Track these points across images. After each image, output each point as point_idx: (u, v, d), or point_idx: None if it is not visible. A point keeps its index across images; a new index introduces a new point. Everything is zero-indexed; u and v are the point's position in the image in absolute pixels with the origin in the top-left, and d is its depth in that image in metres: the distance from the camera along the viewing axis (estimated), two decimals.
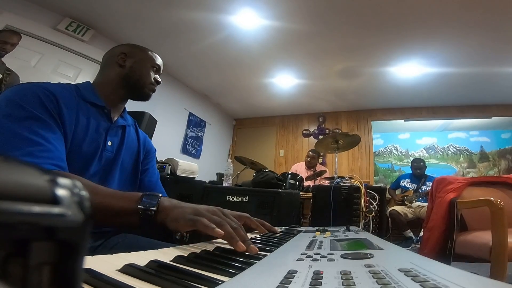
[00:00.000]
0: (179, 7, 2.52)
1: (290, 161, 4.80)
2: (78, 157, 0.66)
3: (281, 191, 1.72)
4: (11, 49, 2.10)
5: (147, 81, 0.80)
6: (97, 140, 0.71)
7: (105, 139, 0.73)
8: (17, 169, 0.11)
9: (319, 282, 0.22)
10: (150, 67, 0.81)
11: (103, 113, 0.75)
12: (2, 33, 2.05)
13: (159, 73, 0.85)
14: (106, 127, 0.75)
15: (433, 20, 2.43)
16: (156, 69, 0.83)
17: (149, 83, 0.81)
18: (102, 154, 0.72)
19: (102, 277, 0.24)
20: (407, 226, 3.08)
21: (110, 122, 0.77)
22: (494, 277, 1.14)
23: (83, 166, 0.68)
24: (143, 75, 0.80)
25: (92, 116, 0.71)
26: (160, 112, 3.28)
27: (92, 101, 0.73)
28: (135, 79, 0.79)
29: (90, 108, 0.72)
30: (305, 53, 3.17)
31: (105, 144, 0.73)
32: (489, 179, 1.87)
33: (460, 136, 4.24)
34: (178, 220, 0.48)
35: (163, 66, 0.88)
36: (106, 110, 0.76)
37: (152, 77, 0.81)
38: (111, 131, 0.76)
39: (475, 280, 0.21)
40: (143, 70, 0.80)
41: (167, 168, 2.50)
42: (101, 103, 0.75)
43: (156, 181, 0.90)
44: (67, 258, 0.12)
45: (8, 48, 2.06)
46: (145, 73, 0.80)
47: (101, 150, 0.72)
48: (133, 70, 0.79)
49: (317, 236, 0.56)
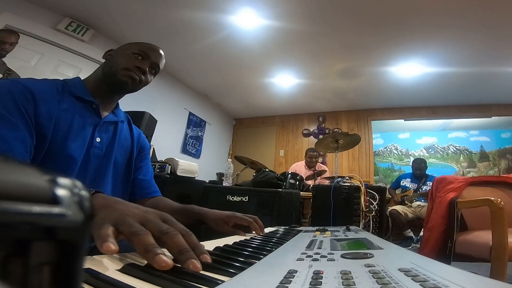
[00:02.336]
0: (179, 7, 2.52)
1: (290, 161, 4.79)
2: (62, 154, 0.64)
3: (281, 191, 1.72)
4: (11, 49, 2.10)
5: (119, 66, 0.73)
6: (83, 136, 0.69)
7: (93, 135, 0.71)
8: (17, 169, 0.11)
9: (319, 282, 0.22)
10: (129, 54, 0.75)
11: (91, 108, 0.73)
12: (0, 33, 2.05)
13: (145, 60, 0.76)
14: (93, 123, 0.72)
15: (433, 20, 2.43)
16: (139, 54, 0.76)
17: (122, 68, 0.73)
18: (89, 151, 0.70)
19: (102, 277, 0.24)
20: (407, 225, 3.07)
21: (98, 117, 0.74)
22: (494, 277, 1.14)
23: (68, 163, 0.65)
24: (116, 63, 0.74)
25: (77, 112, 0.69)
26: (160, 112, 3.28)
27: (79, 95, 0.71)
28: (107, 69, 0.74)
29: (77, 103, 0.70)
30: (305, 52, 3.17)
31: (93, 141, 0.71)
32: (489, 178, 1.86)
33: (460, 135, 4.24)
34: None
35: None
36: (94, 105, 0.73)
37: (130, 62, 0.74)
38: (100, 127, 0.73)
39: (475, 280, 0.21)
40: (118, 58, 0.75)
41: (167, 168, 2.50)
42: (89, 97, 0.72)
43: (150, 179, 0.88)
44: (67, 258, 0.12)
45: (7, 48, 2.06)
46: (120, 60, 0.74)
47: (87, 146, 0.69)
48: (109, 62, 0.75)
49: (317, 236, 0.56)
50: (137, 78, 0.74)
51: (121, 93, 0.79)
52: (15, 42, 2.10)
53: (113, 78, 0.73)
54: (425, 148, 4.34)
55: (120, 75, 0.73)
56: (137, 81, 0.75)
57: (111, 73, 0.74)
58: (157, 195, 0.87)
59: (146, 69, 0.76)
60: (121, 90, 0.77)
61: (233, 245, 0.47)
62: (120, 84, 0.74)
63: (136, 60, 0.75)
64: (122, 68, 0.73)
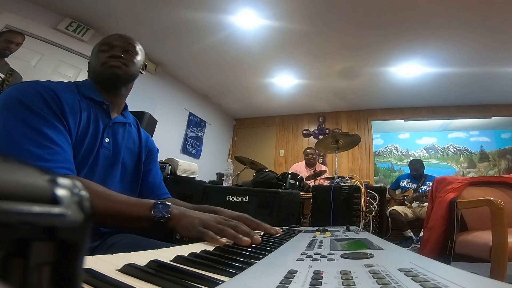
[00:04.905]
0: (179, 7, 2.52)
1: (290, 161, 4.79)
2: (78, 154, 0.66)
3: (281, 191, 1.72)
4: (16, 49, 2.12)
5: (98, 66, 0.74)
6: (95, 137, 0.70)
7: (102, 136, 0.72)
8: (17, 169, 0.11)
9: (319, 282, 0.22)
10: (97, 52, 0.76)
11: (102, 109, 0.75)
12: (7, 33, 2.07)
13: (113, 48, 0.76)
14: (104, 124, 0.73)
15: (433, 20, 2.43)
16: (105, 48, 0.76)
17: (101, 65, 0.74)
18: (98, 151, 0.71)
19: (102, 277, 0.24)
20: (407, 226, 3.07)
21: (108, 118, 0.75)
22: (494, 277, 1.14)
23: (82, 163, 0.67)
24: (95, 64, 0.76)
25: (92, 112, 0.71)
26: (160, 112, 3.28)
27: (91, 97, 0.72)
28: (92, 73, 0.77)
29: (90, 104, 0.72)
30: (305, 53, 3.17)
31: (102, 141, 0.72)
32: (489, 179, 1.86)
33: (460, 136, 4.24)
34: (189, 230, 0.55)
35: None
36: (104, 105, 0.75)
37: (103, 57, 0.75)
38: (109, 128, 0.75)
39: (475, 280, 0.21)
40: (92, 61, 0.77)
41: (167, 168, 2.50)
42: (100, 98, 0.74)
43: (159, 182, 0.90)
44: (67, 258, 0.12)
45: (12, 48, 2.09)
46: (94, 61, 0.76)
47: (98, 147, 0.71)
48: (89, 68, 0.78)
49: (317, 236, 0.56)
50: (118, 63, 0.74)
51: (118, 85, 0.78)
52: (20, 43, 2.13)
53: (101, 78, 0.75)
54: (425, 149, 4.34)
55: (103, 71, 0.74)
56: (121, 66, 0.75)
57: (96, 76, 0.76)
58: (167, 197, 0.89)
59: (119, 54, 0.75)
60: (115, 82, 0.76)
61: (233, 245, 0.47)
62: (109, 77, 0.74)
63: (106, 53, 0.75)
64: (101, 65, 0.74)
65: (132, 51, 0.79)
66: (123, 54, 0.76)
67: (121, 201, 0.58)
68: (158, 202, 0.57)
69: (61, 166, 0.57)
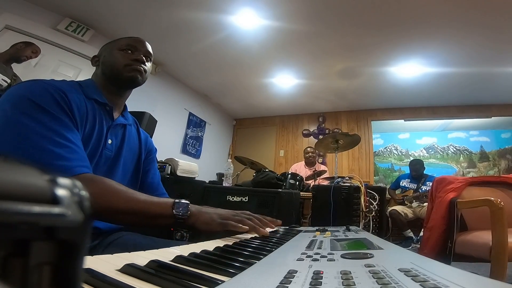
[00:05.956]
0: (179, 7, 2.52)
1: (290, 161, 4.79)
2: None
3: (281, 191, 1.72)
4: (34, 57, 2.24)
5: (120, 65, 0.74)
6: (99, 138, 0.70)
7: (106, 137, 0.72)
8: (17, 169, 0.11)
9: (319, 282, 0.22)
10: (118, 51, 0.76)
11: (105, 110, 0.74)
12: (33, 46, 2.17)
13: (137, 52, 0.77)
14: (107, 125, 0.74)
15: (433, 20, 2.43)
16: (129, 49, 0.77)
17: (124, 65, 0.74)
18: (102, 153, 0.71)
19: (102, 277, 0.24)
20: (407, 226, 3.08)
21: (111, 120, 0.75)
22: (494, 277, 1.14)
23: None
24: (114, 63, 0.75)
25: (97, 113, 0.71)
26: (160, 112, 3.28)
27: (95, 98, 0.72)
28: (109, 71, 0.75)
29: (95, 105, 0.72)
30: (305, 53, 3.17)
31: (105, 142, 0.72)
32: (489, 179, 1.86)
33: (460, 136, 4.23)
34: (210, 224, 0.60)
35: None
36: (108, 107, 0.74)
37: (127, 58, 0.75)
38: (112, 129, 0.75)
39: (475, 280, 0.21)
40: (111, 58, 0.76)
41: (167, 168, 2.50)
42: (104, 100, 0.73)
43: (158, 182, 0.90)
44: (67, 258, 0.12)
45: (31, 57, 2.20)
46: (114, 59, 0.75)
47: (101, 148, 0.71)
48: (105, 65, 0.76)
49: (317, 236, 0.56)
50: (141, 68, 0.76)
51: (131, 88, 0.81)
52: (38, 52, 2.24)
53: (120, 77, 0.75)
54: (425, 149, 4.34)
55: (125, 72, 0.74)
56: (142, 72, 0.77)
57: (115, 74, 0.75)
58: (165, 197, 0.89)
59: (143, 59, 0.77)
60: (132, 85, 0.78)
61: (233, 245, 0.47)
62: (129, 80, 0.75)
63: (130, 54, 0.76)
64: (124, 66, 0.74)
65: (150, 59, 0.82)
66: (144, 58, 0.78)
67: (144, 200, 0.61)
68: (177, 201, 0.61)
69: (81, 165, 0.57)
